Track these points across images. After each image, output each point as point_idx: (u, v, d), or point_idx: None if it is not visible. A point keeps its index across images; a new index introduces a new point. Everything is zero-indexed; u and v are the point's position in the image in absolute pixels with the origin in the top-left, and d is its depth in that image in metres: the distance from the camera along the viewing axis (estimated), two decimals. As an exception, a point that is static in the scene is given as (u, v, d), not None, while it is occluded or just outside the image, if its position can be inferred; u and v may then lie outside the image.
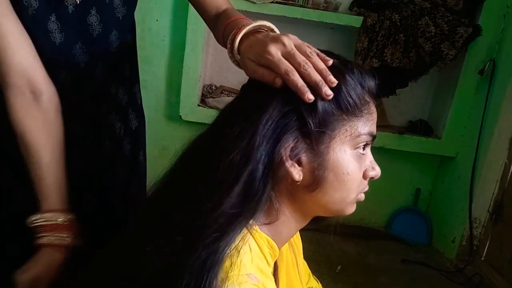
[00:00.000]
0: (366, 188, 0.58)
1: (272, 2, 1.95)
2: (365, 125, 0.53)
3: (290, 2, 2.01)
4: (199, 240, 0.45)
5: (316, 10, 1.99)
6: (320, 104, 0.50)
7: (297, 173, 0.51)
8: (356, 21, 1.99)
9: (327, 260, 1.93)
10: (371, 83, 0.55)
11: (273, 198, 0.52)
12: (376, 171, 0.57)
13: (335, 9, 2.06)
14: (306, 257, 0.76)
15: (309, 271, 0.78)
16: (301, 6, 2.01)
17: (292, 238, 0.65)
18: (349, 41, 2.14)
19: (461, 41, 1.89)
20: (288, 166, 0.50)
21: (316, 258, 1.88)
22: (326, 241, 1.95)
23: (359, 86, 0.53)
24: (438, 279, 1.94)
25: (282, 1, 1.99)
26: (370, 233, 2.32)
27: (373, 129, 0.55)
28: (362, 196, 0.58)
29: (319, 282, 0.81)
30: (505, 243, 1.91)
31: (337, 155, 0.52)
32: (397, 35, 1.93)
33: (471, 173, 2.01)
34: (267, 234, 0.53)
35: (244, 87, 0.59)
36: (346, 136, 0.52)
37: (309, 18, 1.97)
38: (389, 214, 2.40)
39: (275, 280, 0.58)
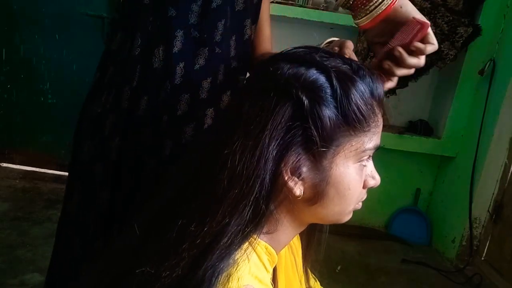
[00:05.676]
0: (365, 197, 0.56)
1: (272, 2, 1.95)
2: (371, 140, 0.51)
3: (290, 2, 2.01)
4: (201, 260, 0.45)
5: (316, 10, 1.99)
6: (329, 120, 0.48)
7: (298, 188, 0.49)
8: (356, 21, 1.98)
9: (327, 260, 1.92)
10: (380, 90, 0.52)
11: (273, 211, 0.51)
12: (375, 180, 0.56)
13: (335, 9, 2.05)
14: (306, 257, 0.76)
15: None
16: (301, 6, 2.01)
17: None
18: (349, 41, 2.14)
19: (461, 41, 1.89)
20: (290, 182, 0.49)
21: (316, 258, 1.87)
22: (326, 241, 1.95)
23: (370, 97, 0.50)
24: (438, 279, 1.95)
25: (282, 1, 1.99)
26: (370, 233, 2.32)
27: (378, 141, 0.53)
28: (359, 205, 0.57)
29: (317, 280, 0.81)
30: (505, 243, 1.91)
31: (340, 170, 0.50)
32: (397, 35, 1.93)
33: (471, 173, 2.01)
34: (265, 242, 0.52)
35: (244, 87, 0.57)
36: (350, 151, 0.50)
37: (309, 18, 1.97)
38: (389, 214, 2.40)
39: (274, 284, 0.58)
